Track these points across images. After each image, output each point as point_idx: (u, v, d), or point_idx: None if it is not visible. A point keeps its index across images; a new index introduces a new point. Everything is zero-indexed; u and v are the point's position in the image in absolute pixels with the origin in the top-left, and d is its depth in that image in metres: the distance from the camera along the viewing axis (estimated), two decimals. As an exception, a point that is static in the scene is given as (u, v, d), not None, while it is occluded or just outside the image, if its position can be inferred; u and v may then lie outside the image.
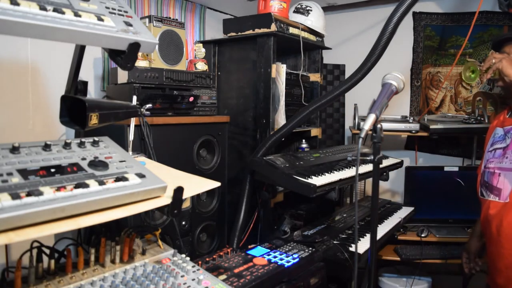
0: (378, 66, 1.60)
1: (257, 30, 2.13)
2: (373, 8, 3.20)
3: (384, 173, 2.26)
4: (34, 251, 0.92)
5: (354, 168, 1.96)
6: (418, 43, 3.04)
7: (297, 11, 2.41)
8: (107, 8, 0.94)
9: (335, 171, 1.84)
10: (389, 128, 2.63)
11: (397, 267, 2.63)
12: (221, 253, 1.38)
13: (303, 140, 2.49)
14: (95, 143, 0.99)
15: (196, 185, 1.06)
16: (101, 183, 0.82)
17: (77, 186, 0.78)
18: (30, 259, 0.90)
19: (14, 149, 0.84)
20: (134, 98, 1.57)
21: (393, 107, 3.06)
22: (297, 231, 1.85)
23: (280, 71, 2.18)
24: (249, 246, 1.52)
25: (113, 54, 0.95)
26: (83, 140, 0.98)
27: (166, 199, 0.91)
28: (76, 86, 1.17)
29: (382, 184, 3.07)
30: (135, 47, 0.92)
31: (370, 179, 1.36)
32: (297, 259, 1.39)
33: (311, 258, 1.46)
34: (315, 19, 2.40)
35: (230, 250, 1.43)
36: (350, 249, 1.67)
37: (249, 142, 2.24)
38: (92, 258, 1.00)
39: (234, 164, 2.30)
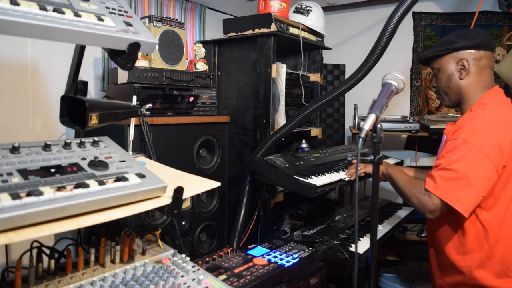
0: (378, 66, 1.60)
1: (257, 30, 2.13)
2: (373, 8, 3.20)
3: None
4: (34, 251, 0.92)
5: (354, 168, 1.95)
6: (418, 43, 3.04)
7: (297, 11, 2.41)
8: (107, 8, 0.94)
9: (335, 171, 1.84)
10: (389, 128, 2.63)
11: (397, 267, 2.62)
12: (221, 253, 1.38)
13: (303, 140, 2.49)
14: (95, 143, 0.99)
15: (196, 185, 1.06)
16: (101, 183, 0.82)
17: (77, 186, 0.78)
18: (30, 259, 0.90)
19: (14, 149, 0.84)
20: (134, 98, 1.57)
21: (393, 107, 3.06)
22: (297, 231, 1.85)
23: (280, 71, 2.18)
24: (249, 246, 1.52)
25: (113, 54, 0.95)
26: (83, 140, 0.98)
27: (166, 199, 0.91)
28: (76, 86, 1.17)
29: (382, 184, 3.07)
30: (135, 47, 0.92)
31: (370, 179, 1.36)
32: (297, 259, 1.39)
33: (311, 258, 1.46)
34: (315, 19, 2.40)
35: (230, 250, 1.42)
36: (350, 249, 1.67)
37: (249, 142, 2.24)
38: (92, 258, 1.00)
39: (234, 164, 2.30)
